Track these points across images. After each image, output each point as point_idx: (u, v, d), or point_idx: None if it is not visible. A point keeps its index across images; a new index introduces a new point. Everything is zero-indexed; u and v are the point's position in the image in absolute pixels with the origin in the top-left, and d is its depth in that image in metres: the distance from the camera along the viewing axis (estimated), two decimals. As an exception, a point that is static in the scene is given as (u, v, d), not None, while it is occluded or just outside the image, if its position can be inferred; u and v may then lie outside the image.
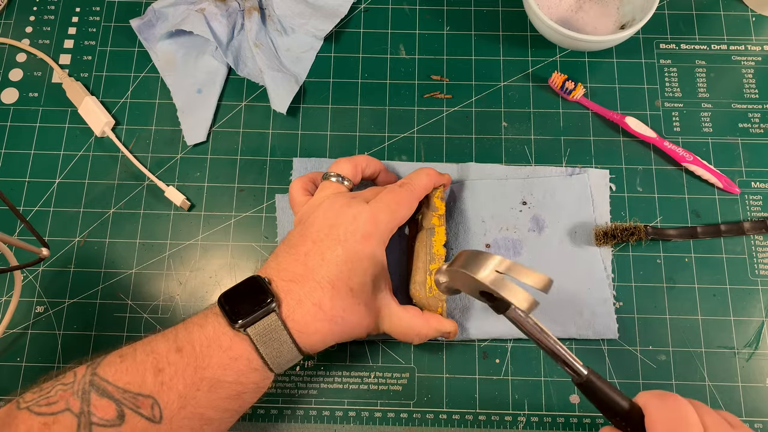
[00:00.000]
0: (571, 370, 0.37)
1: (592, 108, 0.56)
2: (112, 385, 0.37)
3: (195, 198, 0.55)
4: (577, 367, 0.37)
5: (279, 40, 0.59)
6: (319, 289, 0.41)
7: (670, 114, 0.56)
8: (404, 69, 0.58)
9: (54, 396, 0.37)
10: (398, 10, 0.60)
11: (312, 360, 0.51)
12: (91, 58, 0.59)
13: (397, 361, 0.51)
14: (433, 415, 0.50)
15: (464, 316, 0.50)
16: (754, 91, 0.57)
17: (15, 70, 0.59)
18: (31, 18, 0.61)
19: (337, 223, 0.43)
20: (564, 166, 0.55)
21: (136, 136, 0.57)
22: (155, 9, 0.58)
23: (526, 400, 0.50)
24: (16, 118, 0.57)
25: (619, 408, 0.36)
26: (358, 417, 0.50)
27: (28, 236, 0.45)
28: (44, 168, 0.56)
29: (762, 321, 0.51)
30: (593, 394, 0.37)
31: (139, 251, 0.54)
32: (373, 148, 0.56)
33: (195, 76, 0.58)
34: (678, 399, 0.35)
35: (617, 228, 0.52)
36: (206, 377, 0.38)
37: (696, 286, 0.52)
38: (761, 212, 0.54)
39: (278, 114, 0.57)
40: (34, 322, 0.52)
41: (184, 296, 0.53)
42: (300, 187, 0.48)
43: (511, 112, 0.57)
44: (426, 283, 0.46)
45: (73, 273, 0.53)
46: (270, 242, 0.54)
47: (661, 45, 0.59)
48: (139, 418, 0.37)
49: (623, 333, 0.51)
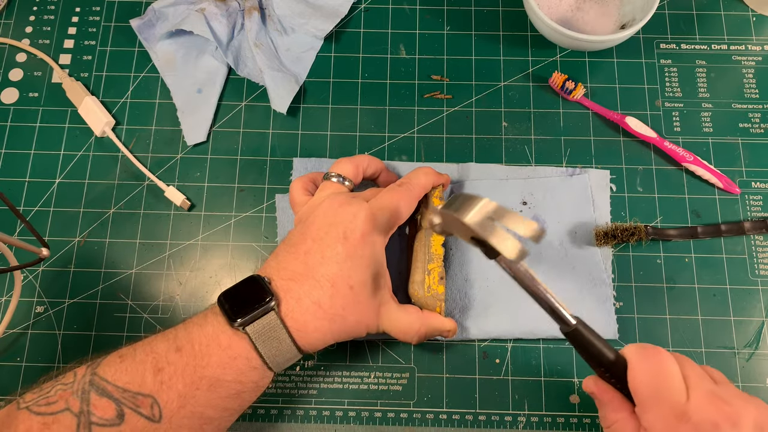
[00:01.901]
0: (560, 319, 0.38)
1: (592, 108, 0.56)
2: (112, 385, 0.37)
3: (195, 198, 0.55)
4: (566, 316, 0.37)
5: (279, 40, 0.59)
6: (318, 287, 0.41)
7: (670, 114, 0.56)
8: (404, 69, 0.58)
9: (54, 396, 0.37)
10: (398, 10, 0.60)
11: (312, 360, 0.51)
12: (91, 58, 0.59)
13: (397, 361, 0.51)
14: (433, 415, 0.50)
15: (464, 316, 0.50)
16: (754, 91, 0.57)
17: (15, 70, 0.59)
18: (31, 18, 0.61)
19: (337, 221, 0.43)
20: (564, 167, 0.55)
21: (136, 136, 0.57)
22: (155, 9, 0.58)
23: (526, 400, 0.50)
24: (16, 118, 0.57)
25: (604, 358, 0.37)
26: (358, 417, 0.50)
27: (28, 236, 0.45)
28: (44, 168, 0.56)
29: (762, 321, 0.51)
30: (580, 344, 0.37)
31: (139, 251, 0.54)
32: (373, 148, 0.56)
33: (195, 76, 0.58)
34: (660, 351, 0.36)
35: (617, 228, 0.52)
36: (206, 376, 0.38)
37: (696, 286, 0.52)
38: (761, 212, 0.53)
39: (278, 114, 0.57)
40: (34, 322, 0.52)
41: (184, 296, 0.53)
42: (300, 187, 0.48)
43: (511, 112, 0.57)
44: (424, 282, 0.46)
45: (73, 273, 0.53)
46: (270, 242, 0.54)
47: (661, 45, 0.59)
48: (139, 418, 0.37)
49: (623, 333, 0.51)
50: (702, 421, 0.34)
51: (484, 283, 0.51)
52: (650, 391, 0.35)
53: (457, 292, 0.51)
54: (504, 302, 0.50)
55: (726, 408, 0.34)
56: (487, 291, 0.51)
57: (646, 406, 0.35)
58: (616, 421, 0.37)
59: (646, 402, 0.35)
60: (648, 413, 0.35)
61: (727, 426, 0.33)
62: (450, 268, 0.52)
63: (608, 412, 0.38)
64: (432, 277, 0.46)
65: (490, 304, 0.51)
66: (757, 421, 0.34)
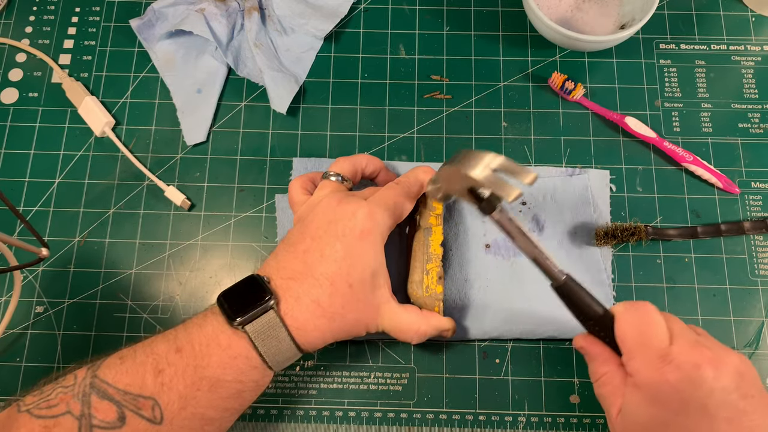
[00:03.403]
0: (549, 273, 0.40)
1: (592, 108, 0.56)
2: (113, 387, 0.37)
3: (195, 198, 0.55)
4: (555, 271, 0.39)
5: (279, 40, 0.59)
6: (317, 286, 0.41)
7: (670, 114, 0.57)
8: (404, 69, 0.58)
9: (54, 399, 0.37)
10: (398, 10, 0.60)
11: (312, 360, 0.51)
12: (91, 58, 0.59)
13: (397, 361, 0.51)
14: (433, 415, 0.50)
15: (463, 316, 0.50)
16: (753, 91, 0.57)
17: (15, 70, 0.59)
18: (31, 18, 0.61)
19: (335, 219, 0.43)
20: (564, 167, 0.55)
21: (136, 136, 0.57)
22: (155, 9, 0.58)
23: (526, 400, 0.50)
24: (15, 118, 0.57)
25: (592, 312, 0.39)
26: (358, 417, 0.50)
27: (27, 236, 0.45)
28: (44, 168, 0.56)
29: (762, 321, 0.51)
30: (570, 298, 0.39)
31: (139, 251, 0.54)
32: (373, 148, 0.56)
33: (195, 76, 0.58)
34: (647, 305, 0.38)
35: (618, 228, 0.52)
36: (206, 377, 0.38)
37: (696, 286, 0.52)
38: (761, 212, 0.54)
39: (278, 114, 0.57)
40: (34, 323, 0.52)
41: (184, 296, 0.53)
42: (299, 187, 0.48)
43: (511, 112, 0.57)
44: (423, 282, 0.46)
45: (72, 273, 0.53)
46: (270, 242, 0.54)
47: (661, 45, 0.59)
48: (140, 420, 0.37)
49: (623, 333, 0.51)
50: (684, 362, 0.35)
51: (483, 284, 0.51)
52: (636, 337, 0.37)
53: (457, 293, 0.51)
54: (503, 302, 0.50)
55: (708, 353, 0.36)
56: (486, 291, 0.51)
57: (632, 353, 0.37)
58: (605, 374, 0.39)
59: (632, 349, 0.37)
60: (634, 359, 0.37)
61: (709, 368, 0.35)
62: (449, 269, 0.52)
63: (597, 366, 0.40)
64: (430, 277, 0.46)
65: (490, 304, 0.51)
66: (738, 368, 0.35)
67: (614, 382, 0.39)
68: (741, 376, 0.35)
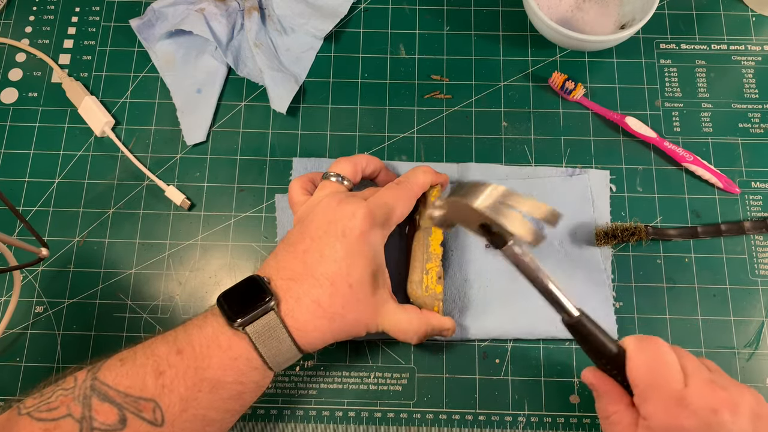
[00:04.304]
0: (563, 310, 0.38)
1: (592, 108, 0.56)
2: (113, 390, 0.37)
3: (195, 198, 0.55)
4: (569, 308, 0.37)
5: (279, 40, 0.59)
6: (318, 286, 0.41)
7: (670, 114, 0.56)
8: (404, 69, 0.58)
9: (55, 401, 0.37)
10: (398, 10, 0.60)
11: (312, 360, 0.51)
12: (91, 58, 0.59)
13: (397, 361, 0.51)
14: (433, 415, 0.50)
15: (463, 316, 0.50)
16: (754, 91, 0.57)
17: (15, 70, 0.59)
18: (31, 18, 0.60)
19: (335, 219, 0.43)
20: (564, 167, 0.55)
21: (135, 136, 0.57)
22: (155, 9, 0.58)
23: (526, 400, 0.50)
24: (15, 118, 0.57)
25: (606, 350, 0.37)
26: (358, 417, 0.50)
27: (27, 236, 0.45)
28: (44, 168, 0.56)
29: (762, 321, 0.51)
30: (583, 336, 0.37)
31: (139, 251, 0.54)
32: (373, 148, 0.56)
33: (195, 76, 0.58)
34: (659, 342, 0.37)
35: (618, 228, 0.52)
36: (207, 378, 0.38)
37: (696, 286, 0.52)
38: (761, 212, 0.54)
39: (278, 114, 0.56)
40: (34, 322, 0.52)
41: (183, 296, 0.53)
42: (299, 187, 0.48)
43: (511, 112, 0.57)
44: (423, 282, 0.46)
45: (72, 273, 0.53)
46: (270, 242, 0.54)
47: (661, 45, 0.59)
48: (141, 422, 0.37)
49: (623, 333, 0.51)
50: (701, 407, 0.34)
51: (483, 284, 0.51)
52: (649, 379, 0.36)
53: (457, 293, 0.51)
54: (503, 302, 0.50)
55: (723, 394, 0.35)
56: (486, 291, 0.51)
57: (646, 395, 0.36)
58: (615, 413, 0.37)
59: (645, 391, 0.36)
60: (648, 402, 0.36)
61: (726, 412, 0.34)
62: (449, 269, 0.52)
63: (606, 403, 0.38)
64: (430, 277, 0.46)
65: (489, 304, 0.51)
66: (754, 410, 0.35)
67: (624, 422, 0.37)
68: (758, 417, 0.34)
